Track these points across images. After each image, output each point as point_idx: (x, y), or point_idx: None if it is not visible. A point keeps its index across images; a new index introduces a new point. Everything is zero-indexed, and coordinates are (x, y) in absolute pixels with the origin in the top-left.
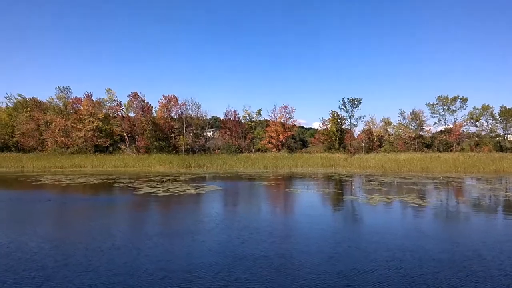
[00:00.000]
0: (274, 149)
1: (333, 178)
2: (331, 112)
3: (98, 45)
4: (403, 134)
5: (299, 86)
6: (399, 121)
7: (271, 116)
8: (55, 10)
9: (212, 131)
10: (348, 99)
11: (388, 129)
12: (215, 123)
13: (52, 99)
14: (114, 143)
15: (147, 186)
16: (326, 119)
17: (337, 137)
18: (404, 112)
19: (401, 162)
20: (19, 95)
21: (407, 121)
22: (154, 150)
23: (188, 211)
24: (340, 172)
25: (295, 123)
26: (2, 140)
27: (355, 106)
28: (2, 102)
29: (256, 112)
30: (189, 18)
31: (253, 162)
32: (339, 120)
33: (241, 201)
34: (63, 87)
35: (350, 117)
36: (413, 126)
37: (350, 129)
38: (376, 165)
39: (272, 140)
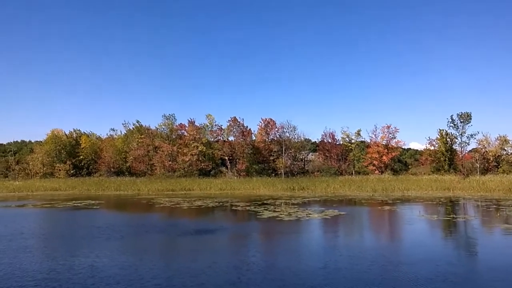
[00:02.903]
0: (377, 171)
1: (460, 202)
2: (439, 130)
3: (200, 73)
4: None
5: (396, 105)
6: None
7: (371, 137)
8: (157, 46)
9: (306, 153)
10: (457, 114)
11: (506, 148)
12: (308, 145)
13: (161, 125)
14: (215, 167)
15: (265, 210)
16: (434, 138)
17: (446, 157)
18: None
19: None
20: (137, 121)
21: None
22: (254, 173)
23: (329, 239)
24: (463, 196)
25: (399, 144)
26: (117, 166)
27: (465, 122)
28: (115, 130)
29: (355, 133)
30: (283, 44)
31: (358, 185)
32: (448, 139)
33: (377, 228)
34: (169, 115)
35: (460, 135)
36: None
37: (455, 149)
38: (501, 188)
39: (375, 161)
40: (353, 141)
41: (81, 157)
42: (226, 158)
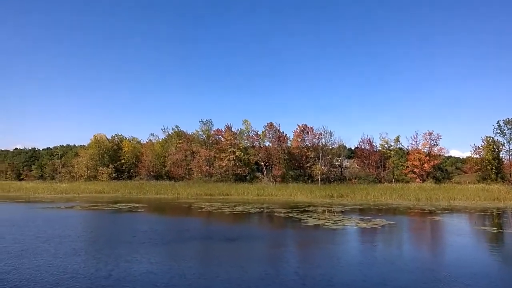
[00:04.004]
0: (418, 179)
1: None
2: (485, 138)
3: (236, 80)
4: None
5: (435, 112)
6: None
7: (412, 144)
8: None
9: (342, 159)
10: (503, 121)
11: None
12: (344, 151)
13: (197, 131)
14: (251, 172)
15: (309, 217)
16: (479, 146)
17: (493, 165)
18: None
19: None
20: (176, 126)
21: None
22: (290, 179)
23: (386, 251)
24: None
25: (441, 151)
26: (156, 170)
27: None
28: (154, 136)
29: (394, 139)
30: (319, 49)
31: (399, 194)
32: (495, 147)
33: (435, 240)
34: (206, 120)
35: (508, 142)
36: None
37: (502, 157)
38: None
39: (415, 169)
40: (391, 147)
41: (123, 161)
42: (262, 163)
